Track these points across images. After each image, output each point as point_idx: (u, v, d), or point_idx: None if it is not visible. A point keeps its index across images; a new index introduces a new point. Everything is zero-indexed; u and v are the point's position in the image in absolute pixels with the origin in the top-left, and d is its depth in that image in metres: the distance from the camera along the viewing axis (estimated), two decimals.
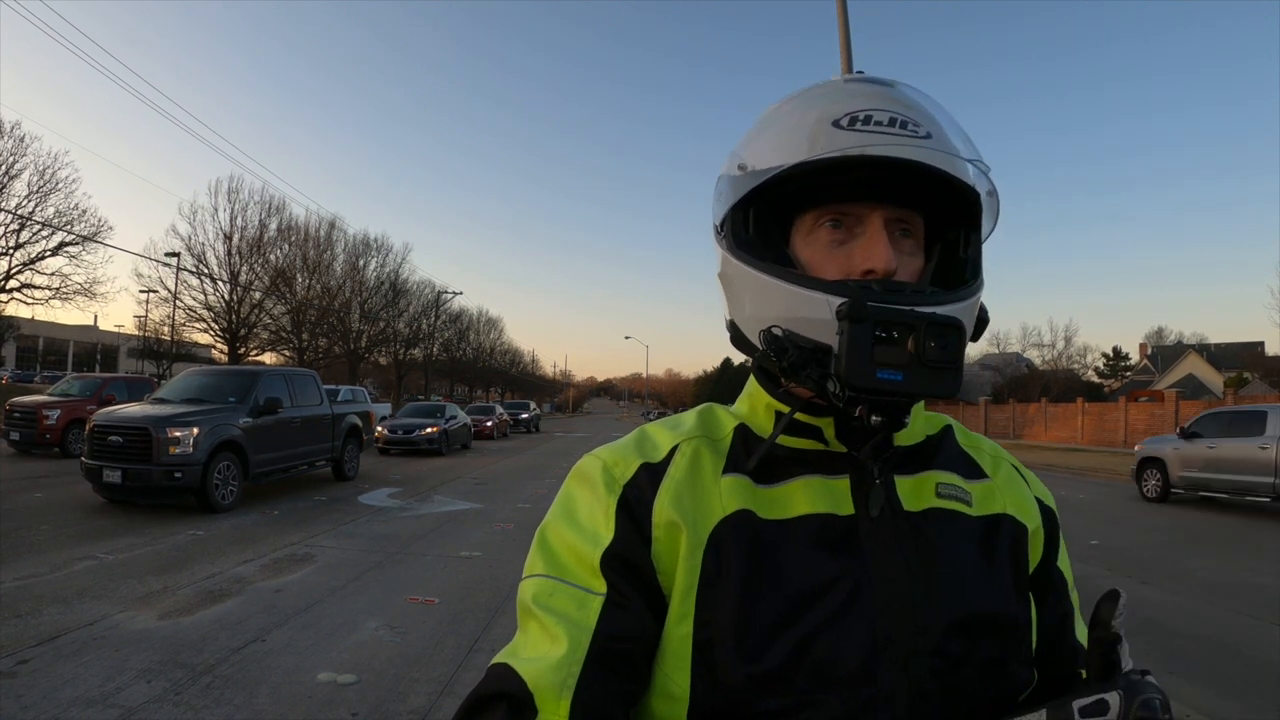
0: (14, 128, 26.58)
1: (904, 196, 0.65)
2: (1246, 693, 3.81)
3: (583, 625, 0.59)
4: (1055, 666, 0.69)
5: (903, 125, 0.62)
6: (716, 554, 0.61)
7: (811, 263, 0.66)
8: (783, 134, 0.66)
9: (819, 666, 0.57)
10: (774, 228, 0.69)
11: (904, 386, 0.56)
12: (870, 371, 0.56)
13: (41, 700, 3.17)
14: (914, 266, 0.67)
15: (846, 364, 0.57)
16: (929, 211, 0.68)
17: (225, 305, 31.14)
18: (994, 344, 49.88)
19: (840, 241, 0.65)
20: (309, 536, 7.09)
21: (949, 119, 0.67)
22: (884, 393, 0.57)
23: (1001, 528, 0.68)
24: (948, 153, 0.63)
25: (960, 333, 0.58)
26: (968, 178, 0.64)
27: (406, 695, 3.41)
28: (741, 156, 0.68)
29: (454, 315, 50.18)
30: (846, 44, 9.25)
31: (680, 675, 0.59)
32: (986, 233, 0.70)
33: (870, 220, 0.64)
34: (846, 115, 0.63)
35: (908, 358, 0.56)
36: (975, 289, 0.66)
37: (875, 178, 0.63)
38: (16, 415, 13.06)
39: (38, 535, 6.43)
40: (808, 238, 0.67)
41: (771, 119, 0.69)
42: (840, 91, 0.66)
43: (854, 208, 0.65)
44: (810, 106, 0.66)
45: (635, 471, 0.66)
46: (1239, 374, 40.66)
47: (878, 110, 0.63)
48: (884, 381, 0.56)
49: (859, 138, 0.61)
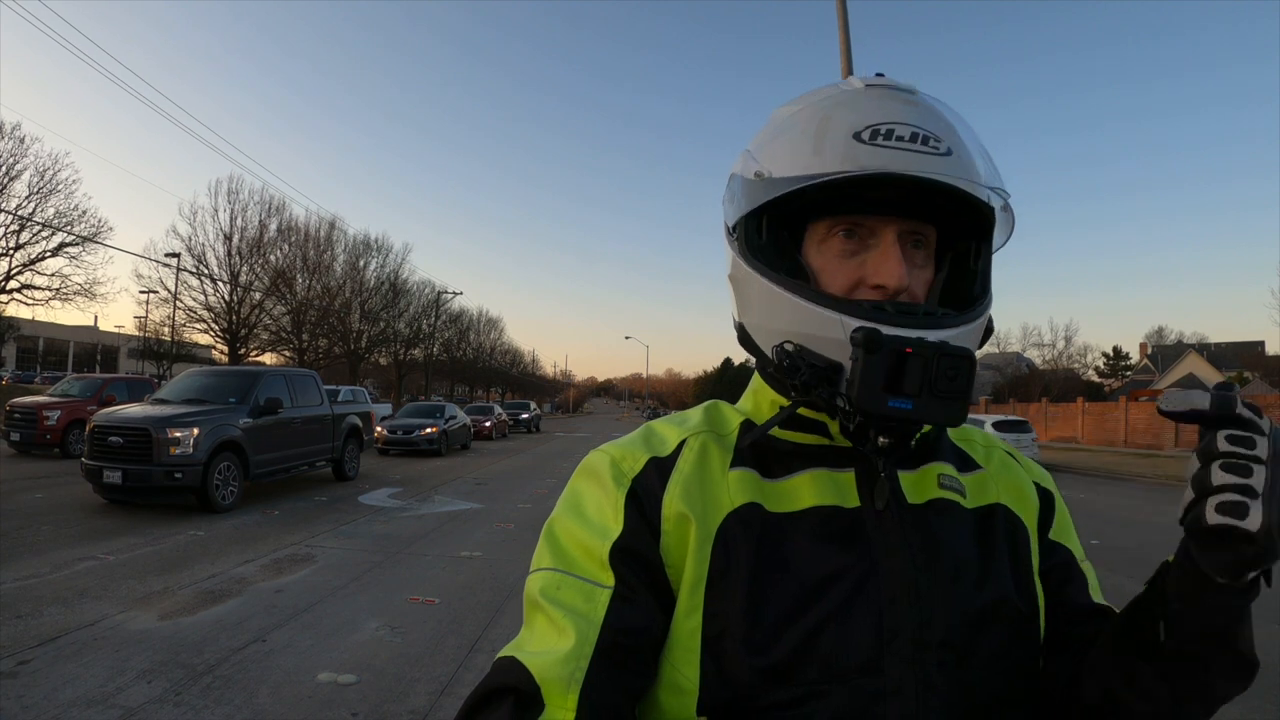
0: (14, 129, 26.58)
1: (919, 209, 0.65)
2: (1247, 694, 3.79)
3: (590, 618, 0.59)
4: (1075, 630, 0.67)
5: (924, 141, 0.61)
6: (725, 547, 0.61)
7: (823, 272, 0.66)
8: (802, 142, 0.65)
9: (827, 658, 0.58)
10: (786, 233, 0.69)
11: (913, 415, 0.57)
12: (882, 400, 0.57)
13: (42, 701, 3.17)
14: (925, 278, 0.67)
15: (859, 391, 0.57)
16: (943, 222, 0.68)
17: (225, 306, 31.12)
18: (994, 344, 49.26)
19: (853, 252, 0.65)
20: (309, 537, 7.09)
21: (969, 131, 0.67)
22: (893, 419, 0.58)
23: (996, 518, 0.69)
24: (967, 171, 0.62)
25: (971, 364, 0.58)
26: (985, 195, 0.64)
27: (407, 695, 3.40)
28: (758, 162, 0.67)
29: (454, 315, 50.19)
30: (846, 44, 9.25)
31: (689, 668, 0.59)
32: (999, 245, 0.70)
33: (884, 234, 0.64)
34: (868, 128, 0.62)
35: (918, 387, 0.57)
36: (985, 307, 0.66)
37: (894, 191, 0.63)
38: (17, 416, 13.05)
39: (38, 536, 6.42)
40: (820, 246, 0.66)
41: (790, 123, 0.68)
42: (861, 99, 0.65)
43: (868, 219, 0.65)
44: (830, 114, 0.65)
45: (644, 466, 0.66)
46: (1239, 374, 40.65)
47: (900, 124, 0.62)
48: (894, 409, 0.57)
49: (881, 155, 0.61)
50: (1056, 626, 0.68)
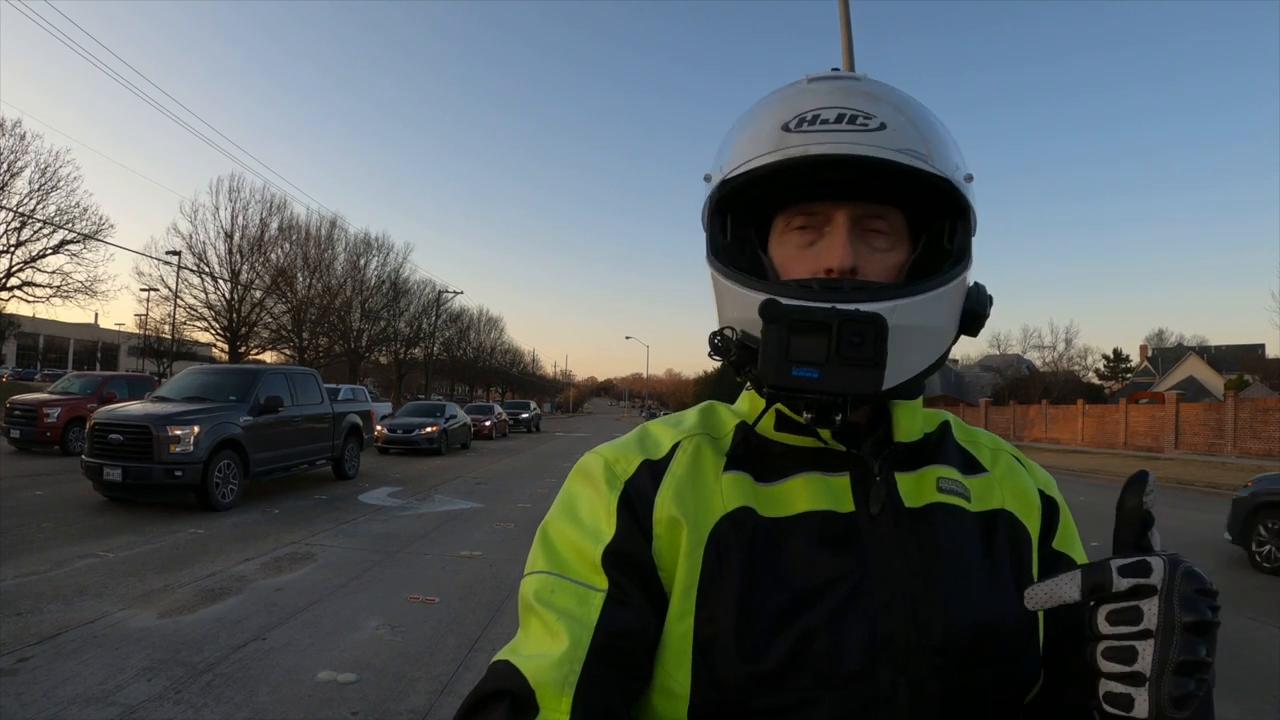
0: (15, 125, 26.68)
1: (877, 191, 0.65)
2: (1246, 693, 3.80)
3: (584, 622, 0.59)
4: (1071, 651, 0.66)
5: (851, 120, 0.62)
6: (717, 551, 0.61)
7: (783, 264, 0.67)
8: (743, 141, 0.67)
9: (819, 665, 0.57)
10: (752, 232, 0.70)
11: (820, 384, 0.56)
12: (786, 369, 0.56)
13: (42, 698, 3.17)
14: (887, 262, 0.65)
15: (762, 362, 0.57)
16: (912, 204, 0.67)
17: (226, 304, 31.12)
18: (995, 345, 49.93)
19: (810, 242, 0.66)
20: (309, 535, 7.09)
21: (919, 109, 0.66)
22: (801, 390, 0.57)
23: (1000, 523, 0.67)
24: (898, 143, 0.61)
25: (878, 329, 0.56)
26: (928, 166, 0.62)
27: (407, 694, 3.41)
28: (715, 165, 0.70)
29: (454, 315, 50.16)
30: (849, 45, 9.25)
31: (681, 672, 0.59)
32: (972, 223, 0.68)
33: (835, 218, 0.65)
34: (795, 117, 0.63)
35: (824, 355, 0.56)
36: (937, 283, 0.63)
37: (843, 175, 0.63)
38: (17, 413, 13.06)
39: (38, 533, 6.42)
40: (780, 239, 0.68)
41: (738, 126, 0.70)
42: (799, 93, 0.66)
43: (821, 207, 0.66)
44: (771, 111, 0.66)
45: (637, 468, 0.66)
46: (1239, 376, 40.63)
47: (827, 108, 0.63)
48: (799, 379, 0.56)
49: (803, 138, 0.62)
50: (1049, 639, 0.67)
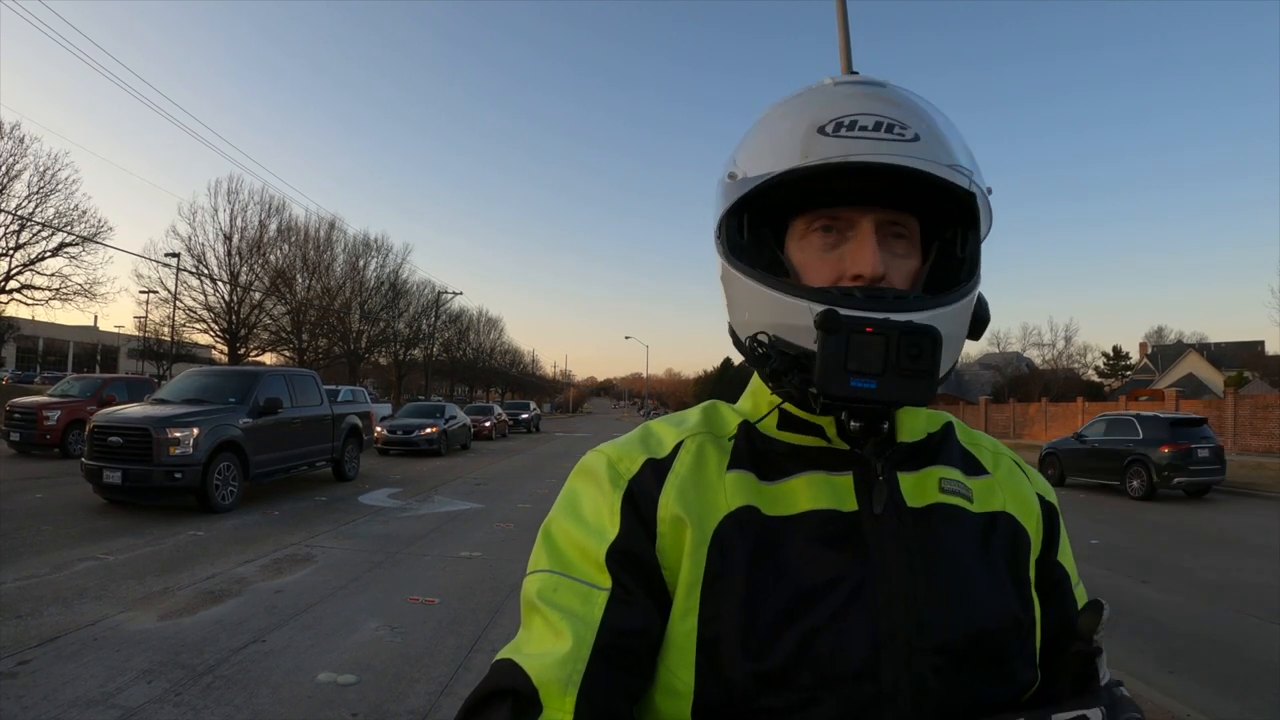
0: (14, 128, 26.57)
1: (897, 199, 0.65)
2: (1247, 693, 3.80)
3: (588, 620, 0.59)
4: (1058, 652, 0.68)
5: (889, 129, 0.62)
6: (721, 550, 0.61)
7: (804, 267, 0.67)
8: (772, 141, 0.66)
9: (822, 664, 0.57)
10: (768, 232, 0.70)
11: (877, 394, 0.57)
12: (844, 380, 0.57)
13: (42, 701, 3.17)
14: (907, 269, 0.66)
15: (820, 372, 0.58)
16: (925, 212, 0.68)
17: (225, 306, 31.13)
18: (994, 343, 49.92)
19: (831, 245, 0.66)
20: (309, 537, 7.09)
21: (943, 119, 0.67)
22: (858, 400, 0.58)
23: (1001, 525, 0.68)
24: (935, 155, 0.62)
25: (934, 340, 0.58)
26: (956, 179, 0.63)
27: (406, 695, 3.41)
28: (734, 163, 0.69)
29: (454, 315, 50.20)
30: (846, 45, 9.25)
31: (684, 671, 0.59)
32: (984, 232, 0.70)
33: (860, 224, 0.65)
34: (832, 121, 0.63)
35: (881, 366, 0.57)
36: (963, 292, 0.65)
37: (867, 182, 0.63)
38: (17, 416, 13.06)
39: (38, 536, 6.42)
40: (800, 242, 0.68)
41: (763, 125, 0.70)
42: (830, 96, 0.66)
43: (845, 212, 0.65)
44: (800, 112, 0.66)
45: (640, 467, 0.66)
46: (1239, 373, 40.63)
47: (864, 115, 0.63)
48: (858, 390, 0.57)
49: (843, 144, 0.62)
50: (1047, 640, 0.67)
